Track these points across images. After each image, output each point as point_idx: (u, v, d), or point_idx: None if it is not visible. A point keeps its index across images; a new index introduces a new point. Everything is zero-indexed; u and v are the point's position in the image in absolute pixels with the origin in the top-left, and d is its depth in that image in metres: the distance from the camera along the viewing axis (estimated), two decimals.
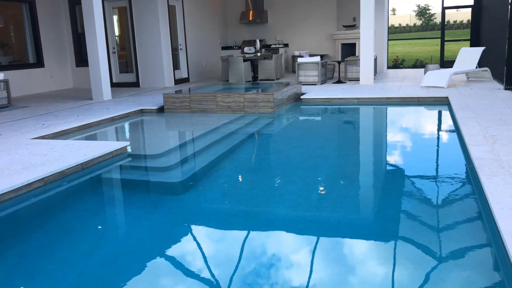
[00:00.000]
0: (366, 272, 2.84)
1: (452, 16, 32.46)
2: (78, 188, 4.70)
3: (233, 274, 2.84)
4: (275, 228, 3.55)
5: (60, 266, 3.05)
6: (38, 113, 8.65)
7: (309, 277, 2.77)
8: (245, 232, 3.51)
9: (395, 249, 3.08)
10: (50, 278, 2.89)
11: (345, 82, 12.06)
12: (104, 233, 3.66)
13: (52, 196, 4.39)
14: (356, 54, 14.61)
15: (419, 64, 18.37)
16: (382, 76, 13.57)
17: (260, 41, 15.32)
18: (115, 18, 13.65)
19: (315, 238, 3.31)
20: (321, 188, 4.46)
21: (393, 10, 40.29)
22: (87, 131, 7.33)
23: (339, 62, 12.76)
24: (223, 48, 16.47)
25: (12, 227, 3.86)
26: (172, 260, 3.14)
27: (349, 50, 15.35)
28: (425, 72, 11.30)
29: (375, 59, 12.24)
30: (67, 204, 4.30)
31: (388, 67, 16.35)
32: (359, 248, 3.19)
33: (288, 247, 3.27)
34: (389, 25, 16.88)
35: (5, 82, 9.67)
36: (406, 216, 3.68)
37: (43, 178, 4.51)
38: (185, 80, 14.25)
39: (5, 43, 12.48)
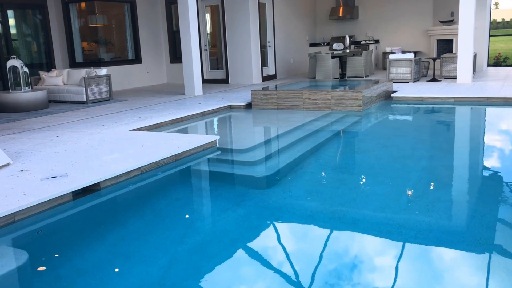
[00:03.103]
0: (456, 283, 2.69)
1: None
2: (171, 178, 4.96)
3: (314, 272, 2.85)
4: (361, 229, 3.49)
5: (153, 250, 3.25)
6: (136, 107, 9.23)
7: (393, 284, 2.68)
8: (329, 230, 3.49)
9: (490, 259, 2.89)
10: (144, 261, 3.09)
11: (440, 80, 11.45)
12: (193, 221, 3.83)
13: (147, 185, 4.68)
14: (453, 51, 13.80)
15: None
16: (481, 74, 12.70)
17: (350, 37, 15.02)
18: (208, 16, 14.14)
19: (402, 242, 3.20)
20: (412, 191, 4.30)
21: (496, 4, 37.43)
22: (179, 125, 7.70)
23: (434, 59, 12.13)
24: (311, 45, 16.38)
25: (112, 212, 4.18)
26: (255, 252, 3.21)
27: (446, 46, 14.54)
28: None
29: (474, 56, 11.47)
30: (160, 193, 4.56)
31: (489, 65, 15.24)
32: (450, 256, 3.03)
33: (373, 250, 3.20)
34: (491, 20, 15.71)
35: (108, 77, 10.44)
36: (504, 224, 3.43)
37: (140, 167, 4.82)
38: (273, 77, 14.40)
39: (108, 40, 13.45)
